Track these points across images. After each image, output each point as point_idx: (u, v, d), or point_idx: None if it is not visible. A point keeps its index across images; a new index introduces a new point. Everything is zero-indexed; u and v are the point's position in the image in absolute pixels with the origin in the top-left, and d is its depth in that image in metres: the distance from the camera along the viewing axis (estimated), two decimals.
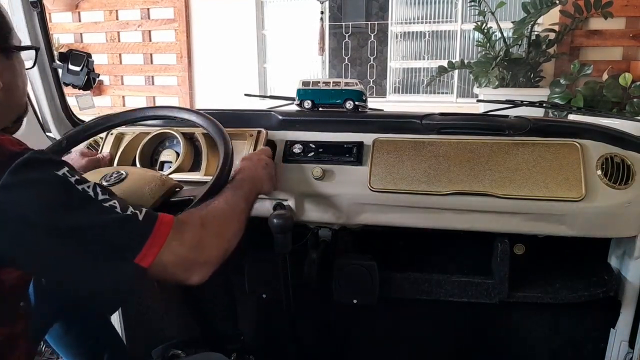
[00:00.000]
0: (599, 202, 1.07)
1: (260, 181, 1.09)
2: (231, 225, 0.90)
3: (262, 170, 1.10)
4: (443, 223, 1.18)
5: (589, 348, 1.36)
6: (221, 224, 0.88)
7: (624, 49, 4.00)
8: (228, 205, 0.92)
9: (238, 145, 1.28)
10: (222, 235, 0.86)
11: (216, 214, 0.88)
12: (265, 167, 1.12)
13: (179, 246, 0.76)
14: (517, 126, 1.18)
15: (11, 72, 0.82)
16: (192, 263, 0.79)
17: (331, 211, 1.22)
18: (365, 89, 1.33)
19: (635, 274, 1.19)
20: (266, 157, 1.15)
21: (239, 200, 0.97)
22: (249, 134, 1.27)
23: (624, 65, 3.89)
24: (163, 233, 0.74)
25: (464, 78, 5.54)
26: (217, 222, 0.87)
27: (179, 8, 6.17)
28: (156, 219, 0.75)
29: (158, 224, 0.74)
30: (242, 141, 1.27)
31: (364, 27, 7.16)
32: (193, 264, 0.79)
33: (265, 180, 1.11)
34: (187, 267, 0.78)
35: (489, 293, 1.25)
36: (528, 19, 3.65)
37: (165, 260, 0.74)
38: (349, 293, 1.29)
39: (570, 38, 4.02)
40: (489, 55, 4.03)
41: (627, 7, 3.88)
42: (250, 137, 1.26)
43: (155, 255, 0.72)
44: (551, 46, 3.91)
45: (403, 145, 1.19)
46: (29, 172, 0.66)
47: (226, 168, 1.04)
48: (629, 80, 3.28)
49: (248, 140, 1.26)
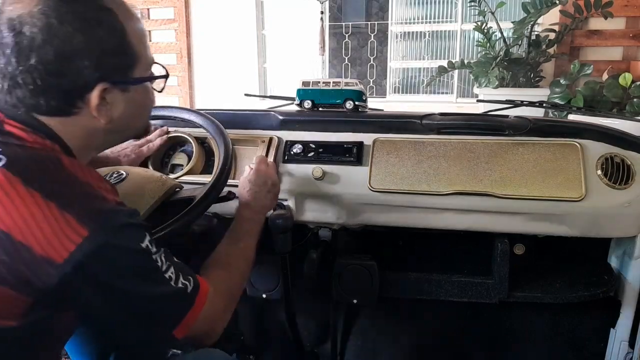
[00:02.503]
0: (599, 202, 1.07)
1: (267, 208, 1.09)
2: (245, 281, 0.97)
3: (267, 194, 1.08)
4: (443, 223, 1.18)
5: (589, 348, 1.36)
6: (240, 287, 0.94)
7: (624, 49, 3.99)
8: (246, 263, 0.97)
9: (249, 152, 1.27)
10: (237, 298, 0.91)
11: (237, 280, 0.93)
12: (269, 190, 1.09)
13: (208, 319, 0.80)
14: (517, 126, 1.18)
15: (126, 104, 0.76)
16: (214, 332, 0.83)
17: (331, 211, 1.22)
18: (365, 89, 1.33)
19: (635, 274, 1.19)
20: (271, 178, 1.10)
21: (252, 247, 1.00)
22: (260, 140, 1.26)
23: (624, 65, 3.89)
24: (199, 305, 0.77)
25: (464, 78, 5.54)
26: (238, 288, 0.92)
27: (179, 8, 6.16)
28: (198, 290, 0.78)
29: (198, 297, 0.77)
30: (254, 147, 1.27)
31: (364, 27, 7.16)
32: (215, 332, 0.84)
33: (271, 204, 1.10)
34: (208, 336, 0.83)
35: (489, 293, 1.25)
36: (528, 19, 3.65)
37: (195, 331, 0.78)
38: (349, 293, 1.29)
39: (570, 38, 4.01)
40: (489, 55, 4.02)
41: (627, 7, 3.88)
42: (262, 143, 1.25)
43: (189, 328, 0.76)
44: (551, 46, 3.91)
45: (403, 145, 1.19)
46: (119, 239, 0.67)
47: (226, 168, 1.04)
48: (629, 80, 3.27)
49: (260, 146, 1.25)
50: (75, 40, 0.67)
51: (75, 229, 0.63)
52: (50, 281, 0.63)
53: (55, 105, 0.70)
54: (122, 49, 0.73)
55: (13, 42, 0.66)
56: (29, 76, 0.67)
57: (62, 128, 0.72)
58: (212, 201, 1.02)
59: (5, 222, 0.62)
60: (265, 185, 1.07)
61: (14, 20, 0.66)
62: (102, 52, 0.70)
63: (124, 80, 0.75)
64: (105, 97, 0.72)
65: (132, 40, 0.74)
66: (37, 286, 0.63)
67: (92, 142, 0.77)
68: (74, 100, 0.71)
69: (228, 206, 1.10)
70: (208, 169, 1.29)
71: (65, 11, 0.67)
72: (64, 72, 0.68)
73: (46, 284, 0.63)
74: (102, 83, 0.71)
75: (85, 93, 0.71)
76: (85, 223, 0.64)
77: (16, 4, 0.67)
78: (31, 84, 0.68)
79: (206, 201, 0.99)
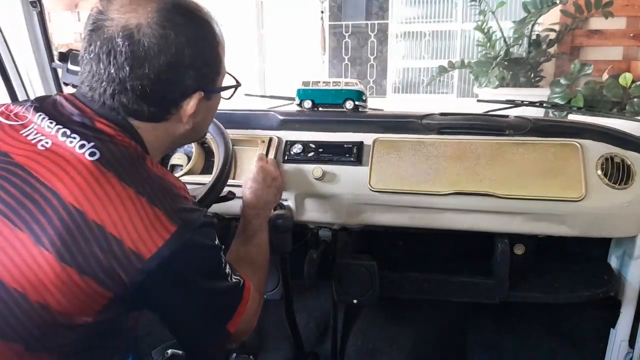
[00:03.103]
0: (599, 202, 1.07)
1: (271, 203, 1.11)
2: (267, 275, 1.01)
3: (269, 189, 1.10)
4: (443, 223, 1.18)
5: (589, 348, 1.36)
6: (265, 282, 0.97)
7: (624, 48, 4.00)
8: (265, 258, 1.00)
9: (249, 152, 1.27)
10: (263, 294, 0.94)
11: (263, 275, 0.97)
12: (270, 185, 1.10)
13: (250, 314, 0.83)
14: (517, 126, 1.18)
15: (206, 111, 0.81)
16: (250, 327, 0.86)
17: (331, 211, 1.22)
18: (365, 88, 1.33)
19: (635, 274, 1.19)
20: (270, 173, 1.12)
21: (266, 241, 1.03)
22: (260, 140, 1.26)
23: (624, 65, 3.89)
24: (246, 299, 0.81)
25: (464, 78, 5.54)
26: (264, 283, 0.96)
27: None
28: (245, 286, 0.81)
29: (246, 291, 0.81)
30: (254, 147, 1.27)
31: (364, 27, 7.16)
32: (251, 327, 0.86)
33: (274, 199, 1.13)
34: (246, 332, 0.85)
35: (489, 293, 1.25)
36: (528, 18, 3.65)
37: (243, 326, 0.80)
38: (349, 293, 1.29)
39: (570, 38, 4.01)
40: (489, 55, 4.02)
41: (628, 6, 3.88)
42: (262, 143, 1.26)
43: (240, 322, 0.79)
44: (551, 46, 3.91)
45: (403, 145, 1.19)
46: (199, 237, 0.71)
47: (226, 168, 1.04)
48: (629, 80, 3.28)
49: (260, 146, 1.25)
50: (186, 52, 0.71)
51: (164, 225, 0.67)
52: (135, 275, 0.65)
53: (153, 112, 0.74)
54: (215, 61, 0.77)
55: (129, 50, 0.68)
56: (138, 83, 0.70)
57: (147, 131, 0.76)
58: (212, 201, 1.02)
59: (100, 216, 0.64)
60: (265, 181, 1.09)
61: (131, 29, 0.68)
62: (203, 63, 0.75)
63: (213, 90, 0.79)
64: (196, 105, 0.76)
65: (220, 52, 0.78)
66: (122, 281, 0.65)
67: (168, 144, 0.82)
68: (171, 107, 0.75)
69: (228, 206, 1.10)
70: (208, 169, 1.29)
71: (179, 23, 0.71)
72: (173, 81, 0.72)
73: (132, 277, 0.65)
74: (199, 92, 0.75)
75: (183, 101, 0.75)
76: (173, 220, 0.67)
77: (131, 13, 0.69)
78: (139, 91, 0.70)
79: (206, 201, 0.99)
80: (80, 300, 0.65)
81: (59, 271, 0.63)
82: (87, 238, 0.64)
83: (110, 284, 0.65)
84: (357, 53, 7.31)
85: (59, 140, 0.68)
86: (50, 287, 0.63)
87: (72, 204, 0.64)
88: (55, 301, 0.64)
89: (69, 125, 0.70)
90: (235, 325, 0.78)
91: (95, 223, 0.64)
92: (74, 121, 0.71)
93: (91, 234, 0.64)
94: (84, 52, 0.72)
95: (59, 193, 0.64)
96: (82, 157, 0.67)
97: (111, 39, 0.68)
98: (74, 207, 0.64)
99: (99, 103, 0.72)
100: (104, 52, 0.69)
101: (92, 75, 0.71)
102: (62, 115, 0.72)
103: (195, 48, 0.72)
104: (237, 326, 0.79)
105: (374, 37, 6.47)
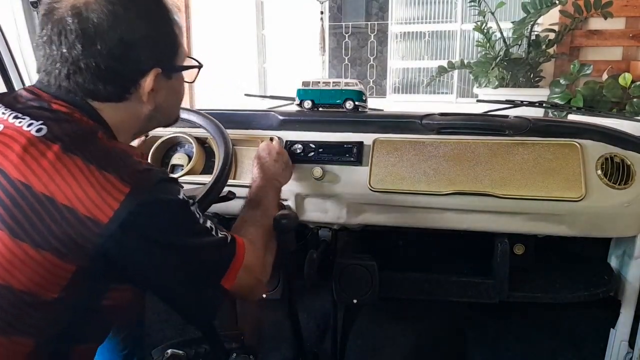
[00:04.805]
0: (599, 202, 1.07)
1: (278, 175, 1.12)
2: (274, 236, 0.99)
3: (275, 163, 1.12)
4: (443, 223, 1.18)
5: (589, 348, 1.36)
6: (272, 240, 0.96)
7: (624, 49, 4.00)
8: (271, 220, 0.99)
9: (249, 152, 1.28)
10: (273, 251, 0.95)
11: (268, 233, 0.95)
12: (276, 160, 1.13)
13: (251, 268, 0.81)
14: (517, 126, 1.18)
15: (167, 91, 0.81)
16: (259, 282, 0.85)
17: (331, 211, 1.22)
18: (365, 89, 1.33)
19: (635, 274, 1.19)
20: (274, 148, 1.15)
21: (274, 206, 1.03)
22: (260, 140, 1.26)
23: (623, 65, 3.89)
24: (240, 254, 0.79)
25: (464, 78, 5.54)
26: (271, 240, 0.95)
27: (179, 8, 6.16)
28: (236, 241, 0.80)
29: (238, 246, 0.79)
30: (254, 147, 1.27)
31: (363, 27, 7.16)
32: (260, 282, 0.86)
33: (283, 173, 1.14)
34: (255, 286, 0.85)
35: (489, 293, 1.25)
36: (528, 19, 3.65)
37: (241, 282, 0.79)
38: (349, 293, 1.29)
39: (570, 38, 4.01)
40: (488, 55, 4.02)
41: (627, 7, 3.88)
42: (262, 142, 1.26)
43: (236, 277, 0.78)
44: (551, 46, 3.91)
45: (403, 145, 1.19)
46: (159, 193, 0.69)
47: (226, 168, 1.04)
48: (629, 80, 3.28)
49: None
50: (137, 27, 0.71)
51: (117, 187, 0.65)
52: (96, 242, 0.64)
53: (111, 91, 0.73)
54: (171, 38, 0.77)
55: (78, 27, 0.68)
56: (92, 61, 0.70)
57: (109, 113, 0.75)
58: (212, 201, 1.02)
59: (49, 187, 0.64)
60: (270, 155, 1.12)
61: (79, 7, 0.69)
62: (157, 39, 0.75)
63: (171, 67, 0.79)
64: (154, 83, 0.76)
65: (176, 30, 0.78)
66: (83, 250, 0.64)
67: (133, 126, 0.81)
68: (129, 85, 0.74)
69: (228, 206, 1.10)
70: (208, 169, 1.29)
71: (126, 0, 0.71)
72: (127, 57, 0.71)
73: (93, 244, 0.64)
74: (156, 69, 0.75)
75: (140, 78, 0.74)
76: (126, 181, 0.66)
77: None
78: (93, 69, 0.70)
79: (206, 201, 0.99)
80: (40, 275, 0.64)
81: (13, 247, 0.63)
82: (38, 211, 0.63)
83: (71, 255, 0.64)
84: (357, 53, 7.32)
85: (9, 123, 0.68)
86: (6, 265, 0.63)
87: (19, 179, 0.64)
88: (15, 280, 0.64)
89: (24, 110, 0.70)
90: (230, 281, 0.77)
91: (44, 195, 0.63)
92: (30, 106, 0.71)
93: (42, 207, 0.63)
94: (37, 38, 0.72)
95: (5, 170, 0.65)
96: (28, 133, 0.67)
97: (61, 19, 0.69)
98: (21, 182, 0.64)
99: (55, 86, 0.72)
100: (54, 33, 0.69)
101: (46, 58, 0.71)
102: (18, 103, 0.72)
103: (147, 23, 0.73)
104: (233, 282, 0.77)
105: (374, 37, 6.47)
